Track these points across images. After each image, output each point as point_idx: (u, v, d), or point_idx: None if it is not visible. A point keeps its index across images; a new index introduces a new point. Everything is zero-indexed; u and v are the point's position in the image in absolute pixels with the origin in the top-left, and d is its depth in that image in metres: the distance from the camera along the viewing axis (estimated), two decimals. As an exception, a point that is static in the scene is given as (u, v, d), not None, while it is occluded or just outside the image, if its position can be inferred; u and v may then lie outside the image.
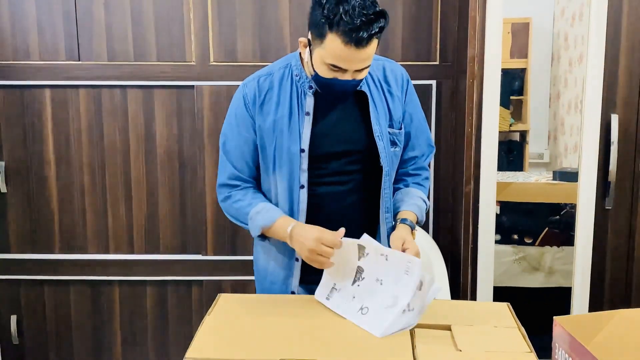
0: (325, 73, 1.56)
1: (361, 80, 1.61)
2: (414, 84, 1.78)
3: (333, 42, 1.49)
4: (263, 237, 1.71)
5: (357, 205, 1.71)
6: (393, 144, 1.71)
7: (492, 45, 2.38)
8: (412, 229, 1.66)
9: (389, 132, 1.70)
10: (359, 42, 1.47)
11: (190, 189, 2.73)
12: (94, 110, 2.69)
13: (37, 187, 2.73)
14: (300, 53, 1.68)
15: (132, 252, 2.77)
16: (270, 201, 1.72)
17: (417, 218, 1.72)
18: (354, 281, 1.54)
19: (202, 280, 2.78)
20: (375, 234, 1.72)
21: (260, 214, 1.67)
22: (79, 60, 2.65)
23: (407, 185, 1.79)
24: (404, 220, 1.66)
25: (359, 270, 1.54)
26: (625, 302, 2.51)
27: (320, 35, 1.51)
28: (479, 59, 2.38)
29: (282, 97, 1.67)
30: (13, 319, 2.81)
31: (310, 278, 1.72)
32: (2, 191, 2.72)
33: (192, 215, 2.74)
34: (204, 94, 2.65)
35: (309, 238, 1.56)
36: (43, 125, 2.69)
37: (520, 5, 4.64)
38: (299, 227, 1.61)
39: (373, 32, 1.47)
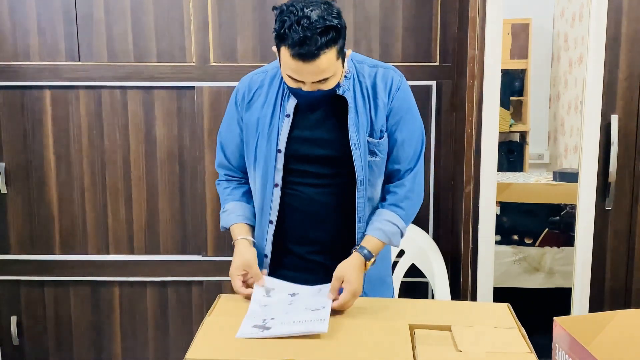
0: (289, 83, 1.58)
1: (331, 90, 1.58)
2: (413, 85, 1.77)
3: (284, 55, 1.51)
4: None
5: (333, 210, 1.70)
6: (372, 153, 1.66)
7: (492, 46, 2.38)
8: (367, 259, 1.62)
9: (367, 142, 1.65)
10: (304, 56, 1.47)
11: (190, 190, 2.73)
12: (94, 111, 2.68)
13: (37, 188, 2.73)
14: None
15: (132, 253, 2.77)
16: (252, 198, 1.78)
17: (384, 242, 1.67)
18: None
19: (202, 281, 2.77)
20: (354, 240, 1.70)
21: (224, 215, 1.78)
22: (79, 61, 2.65)
23: (382, 206, 1.72)
24: (361, 249, 1.63)
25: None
26: (625, 302, 2.51)
27: (277, 47, 1.55)
28: (479, 59, 2.38)
29: (269, 97, 1.69)
30: (13, 319, 2.81)
31: (282, 273, 1.73)
32: (2, 192, 2.72)
33: (192, 215, 2.74)
34: (204, 94, 2.65)
35: (232, 264, 1.67)
36: (43, 126, 2.69)
37: (520, 5, 4.64)
38: (239, 245, 1.69)
39: (318, 45, 1.45)
